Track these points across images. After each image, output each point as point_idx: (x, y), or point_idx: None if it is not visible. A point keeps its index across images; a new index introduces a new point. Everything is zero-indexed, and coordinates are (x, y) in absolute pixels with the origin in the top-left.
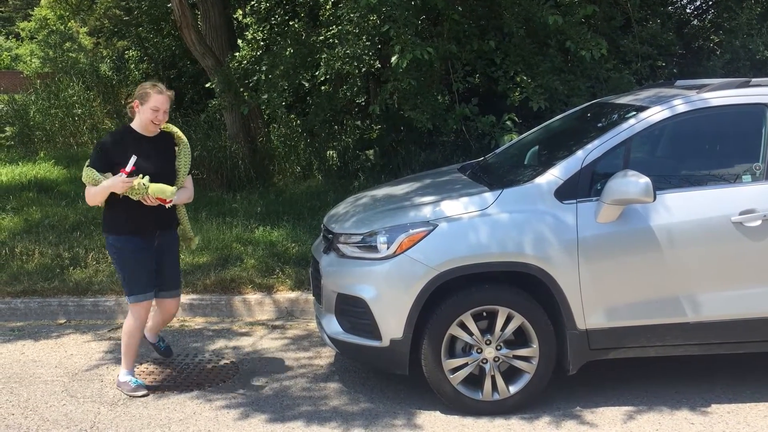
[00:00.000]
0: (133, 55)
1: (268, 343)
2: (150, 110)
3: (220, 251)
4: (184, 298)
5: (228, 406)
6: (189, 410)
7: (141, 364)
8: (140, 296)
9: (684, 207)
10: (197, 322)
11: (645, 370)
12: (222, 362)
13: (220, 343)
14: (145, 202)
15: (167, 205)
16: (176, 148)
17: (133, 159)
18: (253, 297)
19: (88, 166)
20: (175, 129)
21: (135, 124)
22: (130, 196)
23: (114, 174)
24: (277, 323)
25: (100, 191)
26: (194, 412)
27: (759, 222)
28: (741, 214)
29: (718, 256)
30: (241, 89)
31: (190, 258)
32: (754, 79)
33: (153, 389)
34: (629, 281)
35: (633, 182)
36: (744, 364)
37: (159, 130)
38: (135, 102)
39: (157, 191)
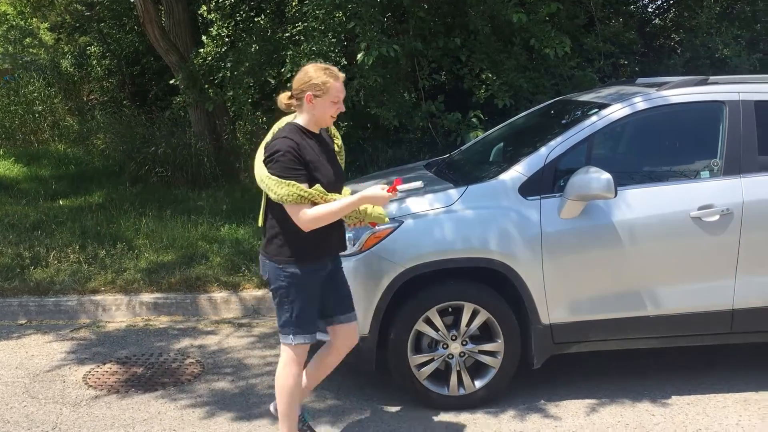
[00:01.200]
0: (95, 51)
1: (234, 341)
2: (331, 103)
3: (186, 249)
4: (149, 297)
5: (193, 405)
6: (153, 410)
7: (104, 364)
8: (308, 336)
9: (645, 203)
10: (162, 321)
11: (607, 363)
12: (187, 361)
13: (185, 342)
14: (352, 226)
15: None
16: (336, 145)
17: (417, 184)
18: (218, 295)
19: (287, 181)
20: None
21: (303, 121)
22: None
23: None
24: (243, 321)
25: (337, 210)
26: (159, 411)
27: (717, 217)
28: (699, 209)
29: (677, 250)
30: (206, 86)
31: (154, 256)
32: (711, 77)
33: (117, 390)
34: (592, 276)
35: (595, 178)
36: (703, 356)
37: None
38: (308, 95)
39: (377, 216)
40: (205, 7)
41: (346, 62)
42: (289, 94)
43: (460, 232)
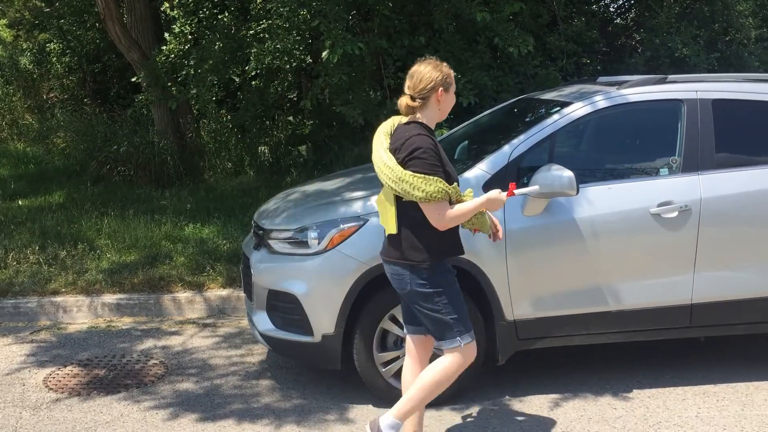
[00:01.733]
0: (54, 47)
1: (198, 341)
2: (453, 95)
3: (149, 249)
4: (111, 298)
5: (156, 407)
6: (116, 412)
7: (65, 366)
8: (472, 333)
9: (606, 199)
10: (125, 323)
11: (571, 358)
12: (150, 362)
13: (148, 343)
14: (474, 230)
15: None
16: None
17: (534, 188)
18: (183, 295)
19: (434, 178)
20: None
21: (427, 119)
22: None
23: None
24: (208, 321)
25: (472, 209)
26: (121, 414)
27: (675, 213)
28: (659, 206)
29: (637, 246)
30: (169, 83)
31: (116, 256)
32: (670, 76)
33: (78, 392)
34: (555, 272)
35: (557, 176)
36: (664, 350)
37: None
38: (439, 90)
39: (483, 224)
40: (167, 4)
41: (311, 60)
42: (409, 96)
43: None
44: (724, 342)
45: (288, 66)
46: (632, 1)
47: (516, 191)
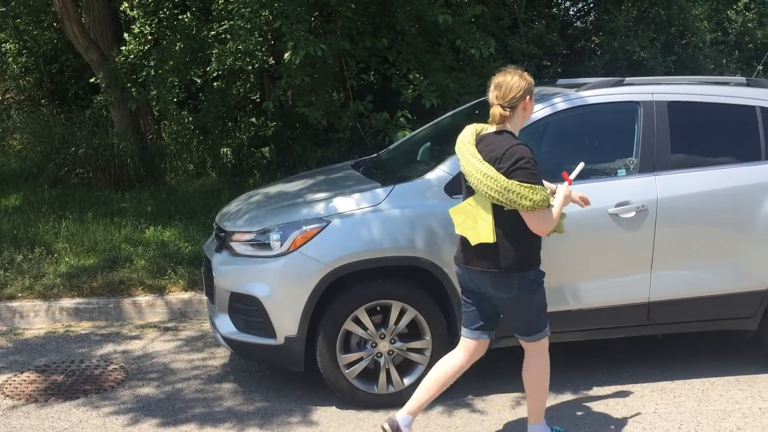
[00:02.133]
0: (10, 48)
1: (159, 345)
2: (533, 103)
3: (108, 253)
4: (69, 302)
5: (117, 412)
6: (75, 418)
7: (22, 372)
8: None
9: None
10: (84, 327)
11: None
12: (110, 367)
13: (108, 348)
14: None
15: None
16: None
17: (580, 165)
18: (143, 299)
19: (539, 186)
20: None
21: (514, 127)
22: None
23: None
24: (169, 325)
25: (559, 211)
26: (80, 420)
27: (633, 213)
28: (617, 206)
29: (597, 246)
30: (129, 84)
31: (75, 260)
32: (627, 78)
33: (36, 399)
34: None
35: None
36: (623, 348)
37: None
38: (526, 98)
39: (559, 224)
40: (126, 4)
41: (273, 61)
42: (500, 106)
43: (388, 231)
44: (680, 339)
45: (250, 67)
46: (591, 5)
47: (570, 177)
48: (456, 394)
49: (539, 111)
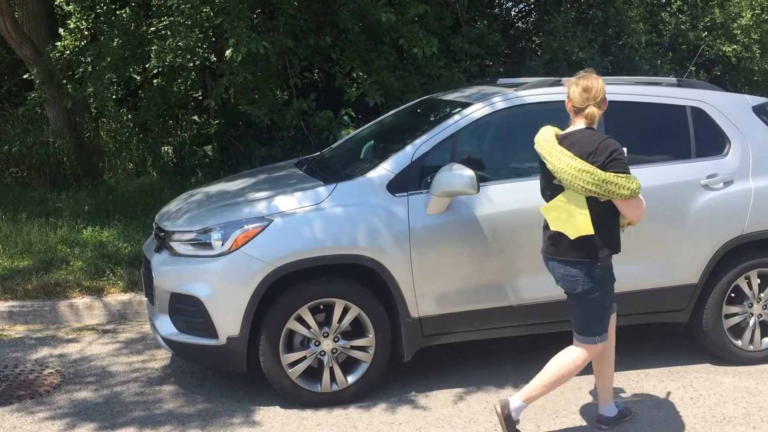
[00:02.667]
0: None
1: (97, 348)
2: None
3: (43, 254)
4: (2, 306)
5: (52, 418)
6: (8, 425)
7: None
8: (606, 335)
9: (504, 198)
10: (18, 331)
11: (474, 352)
12: (46, 371)
13: (43, 352)
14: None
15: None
16: None
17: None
18: (81, 301)
19: (633, 175)
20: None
21: (596, 126)
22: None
23: None
24: (108, 327)
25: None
26: (14, 426)
27: None
28: None
29: (534, 242)
30: (64, 81)
31: (8, 262)
32: (564, 78)
33: None
34: (457, 269)
35: (458, 175)
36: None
37: None
38: (606, 99)
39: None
40: None
41: (215, 58)
42: (595, 107)
43: (330, 230)
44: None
45: (191, 64)
46: (532, 6)
47: None
48: (399, 391)
49: (479, 110)
